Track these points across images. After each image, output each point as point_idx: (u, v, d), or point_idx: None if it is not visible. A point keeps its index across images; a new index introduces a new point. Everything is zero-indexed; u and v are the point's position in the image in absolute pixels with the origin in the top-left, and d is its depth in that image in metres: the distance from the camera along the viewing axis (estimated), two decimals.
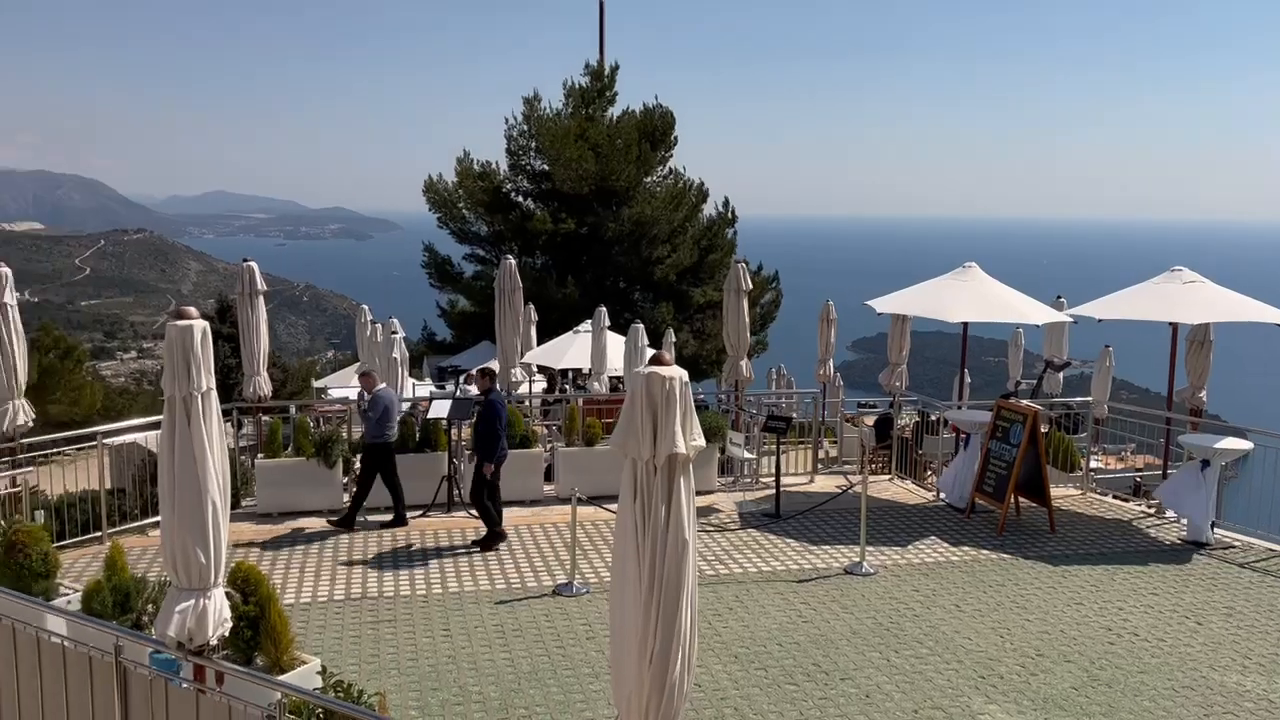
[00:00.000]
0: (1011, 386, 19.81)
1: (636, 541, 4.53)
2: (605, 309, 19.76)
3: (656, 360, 4.62)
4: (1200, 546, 11.68)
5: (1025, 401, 13.68)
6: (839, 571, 10.66)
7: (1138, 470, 17.81)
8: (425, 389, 20.29)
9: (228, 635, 5.81)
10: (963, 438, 14.15)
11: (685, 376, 4.57)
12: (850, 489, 13.64)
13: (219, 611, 5.38)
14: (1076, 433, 15.91)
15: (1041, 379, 18.94)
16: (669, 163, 33.24)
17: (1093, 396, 18.21)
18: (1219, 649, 8.80)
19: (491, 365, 12.95)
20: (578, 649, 8.46)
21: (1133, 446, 18.93)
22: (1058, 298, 18.39)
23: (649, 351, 16.51)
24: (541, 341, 23.11)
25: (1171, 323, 13.52)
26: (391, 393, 12.28)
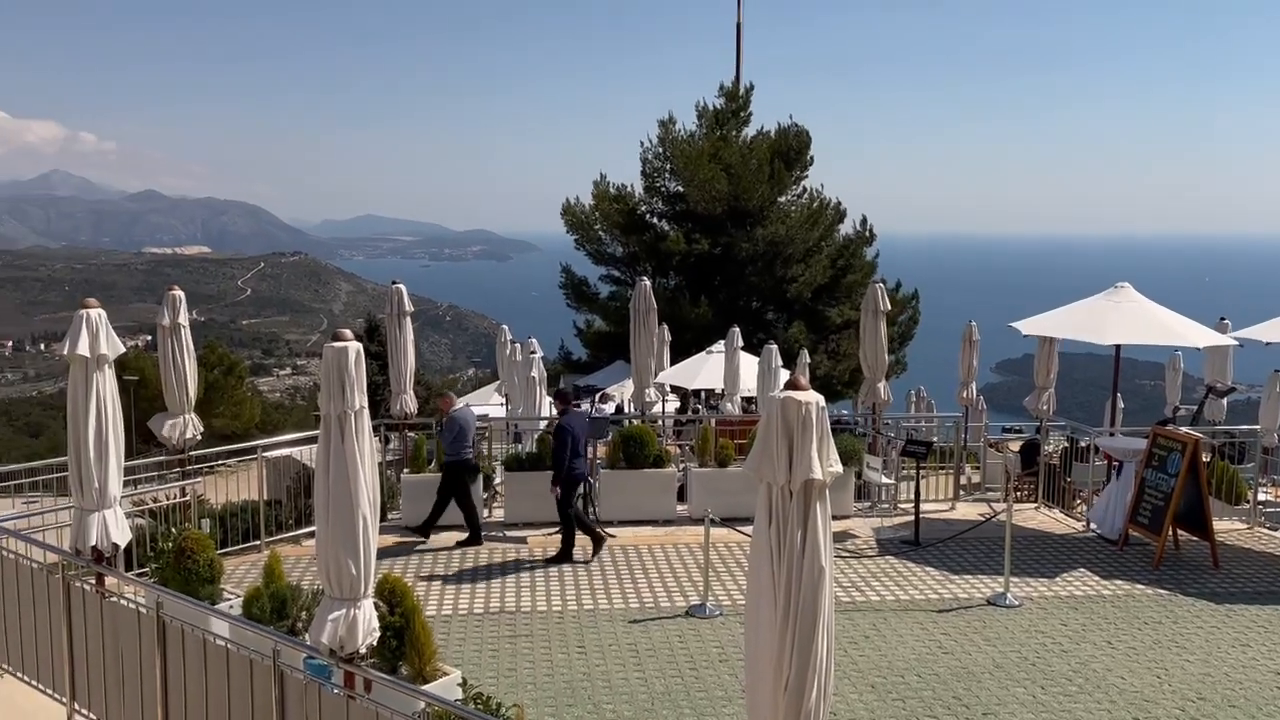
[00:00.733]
0: (1169, 412, 18.78)
1: (772, 567, 4.50)
2: (739, 329, 19.72)
3: (792, 384, 4.59)
4: None
5: (1185, 429, 12.95)
6: (981, 602, 10.30)
7: None
8: None
9: (375, 644, 6.05)
10: (1115, 465, 13.49)
11: (821, 401, 4.53)
12: (994, 517, 13.17)
13: (368, 621, 5.60)
14: (1242, 463, 14.96)
15: (1203, 405, 17.89)
16: (804, 181, 33.03)
17: (1261, 424, 17.05)
18: None
19: (565, 385, 13.26)
20: (711, 672, 8.43)
21: None
22: (1221, 319, 17.36)
23: (783, 372, 16.39)
24: (675, 362, 23.21)
25: None
26: (469, 413, 12.53)
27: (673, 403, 22.47)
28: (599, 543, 11.62)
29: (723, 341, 20.35)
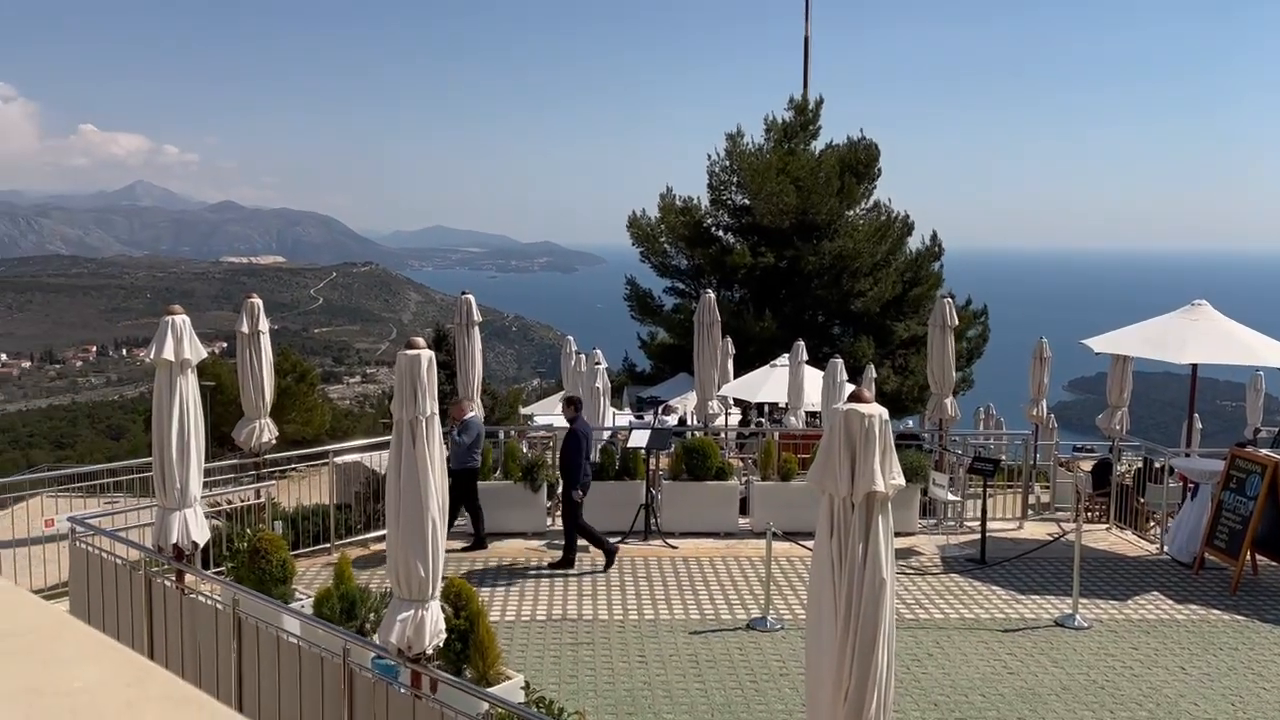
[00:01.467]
0: (1250, 434, 18.21)
1: (833, 579, 4.53)
2: (803, 343, 19.64)
3: (856, 397, 4.62)
4: None
5: (1265, 451, 12.57)
6: (1049, 623, 10.12)
7: None
8: (625, 419, 20.77)
9: (440, 646, 6.18)
10: (1190, 487, 13.14)
11: (885, 414, 4.54)
12: (1063, 537, 12.92)
13: (435, 623, 5.74)
14: None
15: None
16: (873, 195, 32.78)
17: None
18: None
19: (574, 395, 13.40)
20: (771, 685, 8.43)
21: None
22: None
23: (848, 387, 16.28)
24: (739, 374, 23.19)
25: None
26: (479, 420, 12.59)
27: (735, 415, 22.44)
28: (611, 555, 11.65)
29: (787, 355, 20.29)
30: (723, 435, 17.83)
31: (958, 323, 16.05)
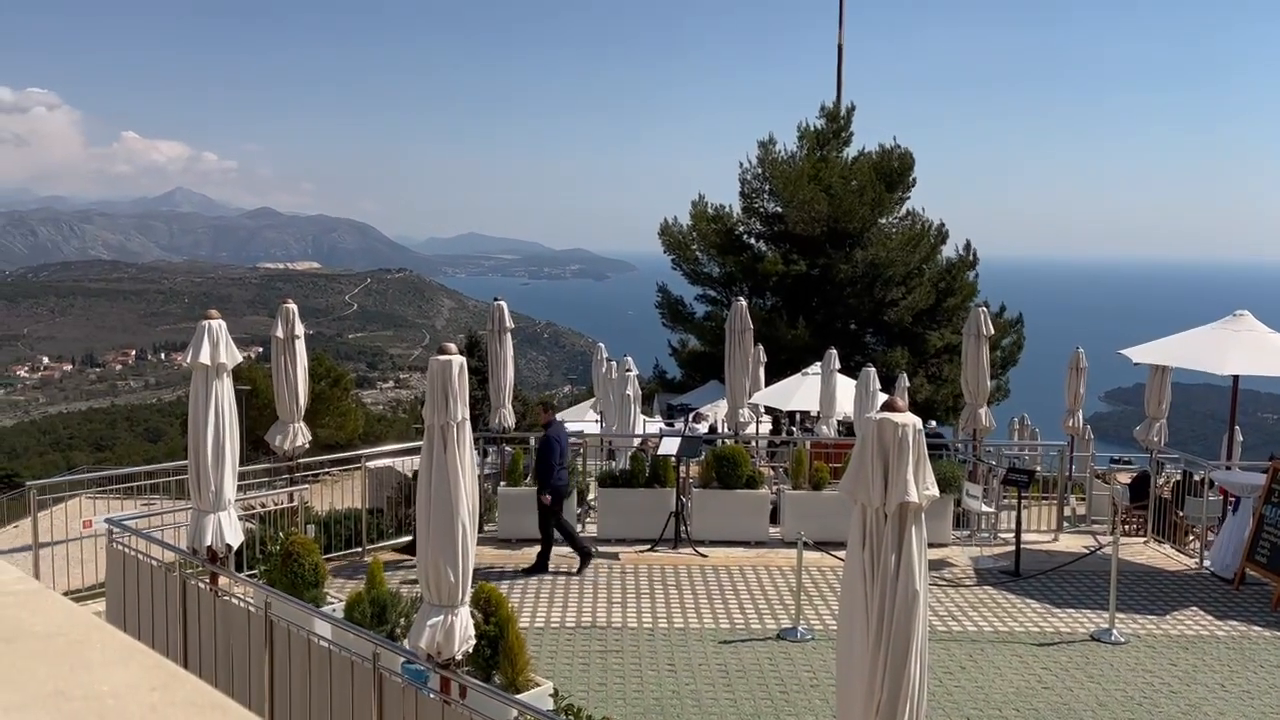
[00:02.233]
0: None
1: (865, 589, 4.48)
2: (835, 351, 19.53)
3: (889, 406, 4.58)
4: None
5: None
6: (1084, 637, 9.96)
7: None
8: (655, 426, 20.75)
9: (470, 652, 6.19)
10: (1231, 501, 12.90)
11: (919, 423, 4.50)
12: (1099, 550, 12.73)
13: (464, 628, 5.74)
14: None
15: None
16: (906, 204, 32.58)
17: None
18: None
19: (550, 403, 13.25)
20: (801, 695, 8.36)
21: None
22: None
23: (880, 396, 16.16)
24: (770, 382, 23.10)
25: None
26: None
27: (766, 424, 22.34)
28: (586, 558, 11.72)
29: (819, 363, 20.18)
30: (753, 443, 17.75)
31: (992, 332, 15.88)
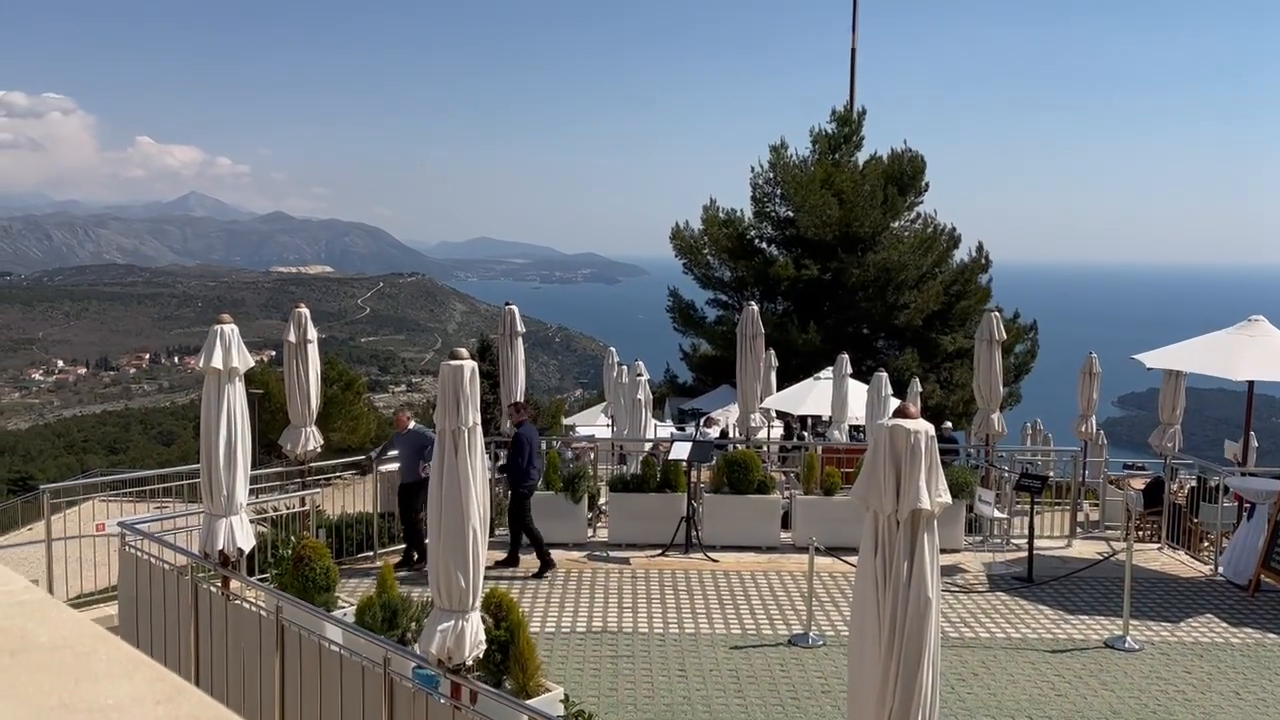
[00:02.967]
0: None
1: (877, 596, 4.46)
2: (847, 356, 19.48)
3: (901, 412, 4.55)
4: None
5: None
6: (1098, 644, 9.90)
7: None
8: (666, 430, 20.74)
9: (480, 657, 6.18)
10: (1246, 507, 12.81)
11: (931, 430, 4.47)
12: (1113, 556, 12.64)
13: (475, 634, 5.74)
14: None
15: None
16: (918, 208, 32.52)
17: None
18: None
19: (519, 399, 13.16)
20: (812, 702, 8.32)
21: None
22: None
23: (893, 401, 16.12)
24: (781, 387, 23.06)
25: None
26: (424, 432, 11.77)
27: (777, 428, 22.30)
28: (546, 565, 11.70)
29: (830, 368, 20.13)
30: (765, 448, 17.72)
31: (1005, 337, 15.82)
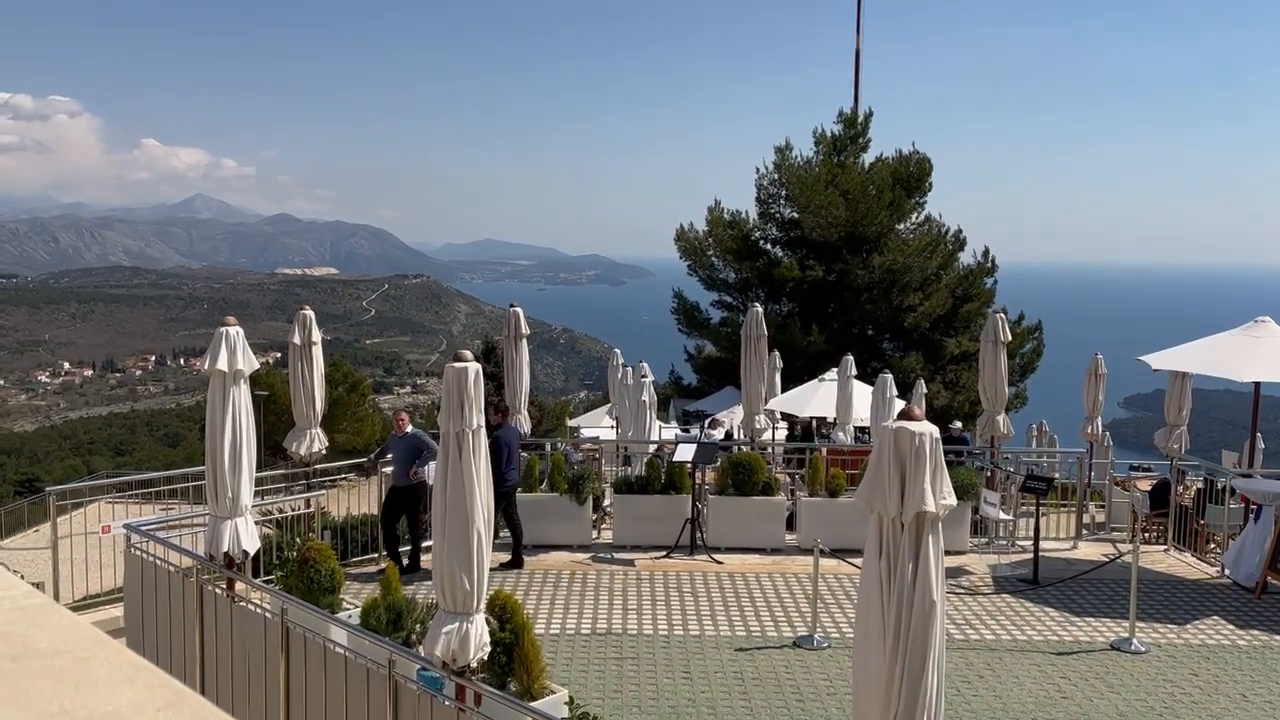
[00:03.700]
0: None
1: (881, 599, 4.45)
2: (852, 357, 19.46)
3: (906, 414, 4.54)
4: None
5: None
6: (1104, 646, 9.87)
7: None
8: (671, 432, 20.72)
9: (485, 659, 6.18)
10: (1253, 509, 12.77)
11: (936, 432, 4.46)
12: (1119, 558, 12.61)
13: (479, 636, 5.73)
14: None
15: None
16: (924, 209, 32.47)
17: None
18: None
19: (499, 401, 13.03)
20: (817, 704, 8.31)
21: None
22: None
23: (898, 403, 16.09)
24: (786, 388, 23.04)
25: None
26: (420, 435, 11.73)
27: (782, 430, 22.27)
28: (515, 564, 11.79)
29: (835, 369, 20.11)
30: (769, 450, 17.70)
31: (1010, 338, 15.78)
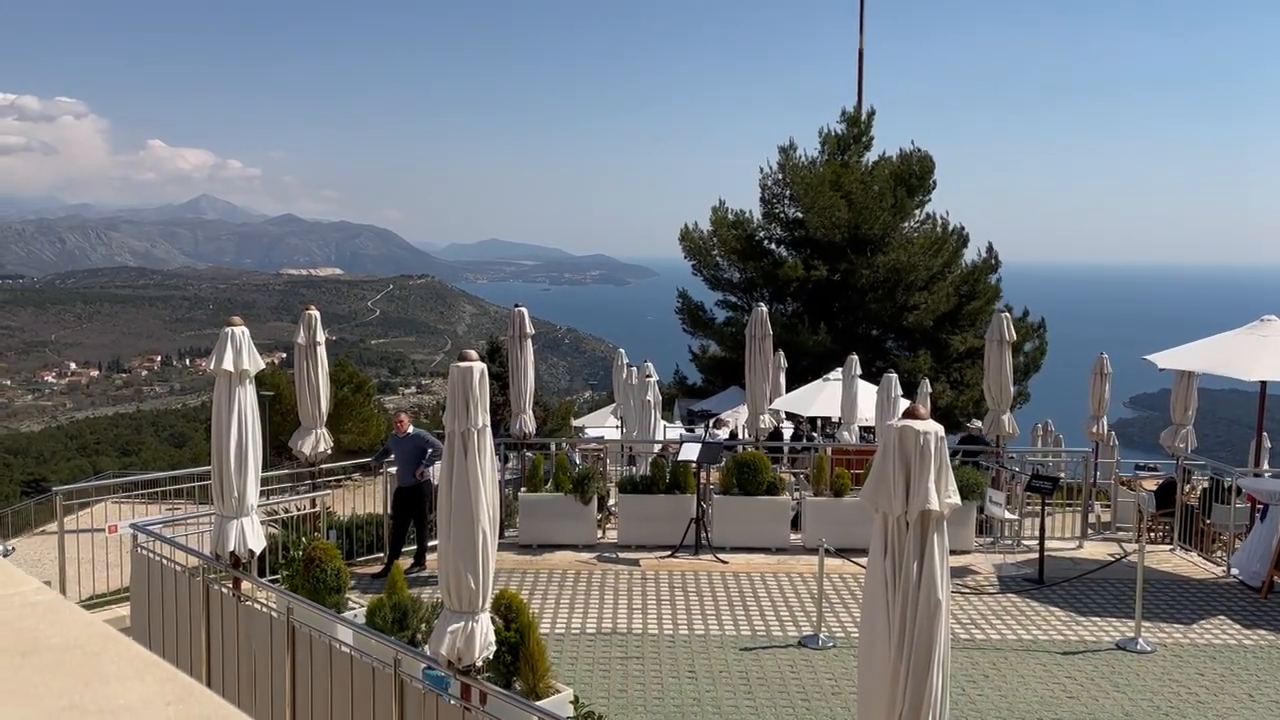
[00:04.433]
0: None
1: (886, 598, 4.45)
2: (857, 357, 19.44)
3: (911, 413, 4.54)
4: None
5: None
6: (1109, 646, 9.86)
7: None
8: (675, 432, 20.72)
9: (490, 658, 6.19)
10: (1259, 508, 12.74)
11: (940, 431, 4.46)
12: (1125, 557, 12.60)
13: (485, 635, 5.74)
14: None
15: None
16: (927, 208, 32.47)
17: None
18: None
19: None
20: (822, 703, 8.31)
21: None
22: None
23: (902, 402, 16.08)
24: (791, 388, 23.02)
25: None
26: (423, 436, 11.78)
27: (787, 430, 22.26)
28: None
29: (840, 369, 20.10)
30: (782, 450, 17.68)
31: (1014, 337, 15.76)
